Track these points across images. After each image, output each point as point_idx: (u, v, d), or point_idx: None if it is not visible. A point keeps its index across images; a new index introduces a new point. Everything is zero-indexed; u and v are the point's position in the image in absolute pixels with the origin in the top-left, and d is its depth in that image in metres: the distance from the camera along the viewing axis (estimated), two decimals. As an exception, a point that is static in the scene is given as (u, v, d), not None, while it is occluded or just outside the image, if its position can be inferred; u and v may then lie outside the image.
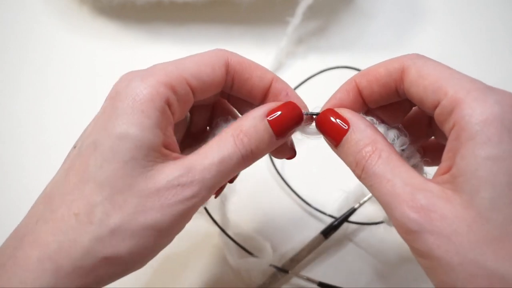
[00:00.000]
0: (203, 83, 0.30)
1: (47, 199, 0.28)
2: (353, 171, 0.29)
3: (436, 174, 0.27)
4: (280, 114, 0.30)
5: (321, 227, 0.47)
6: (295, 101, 0.32)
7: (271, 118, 0.30)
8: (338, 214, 0.47)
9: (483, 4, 0.64)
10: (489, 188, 0.24)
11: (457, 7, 0.64)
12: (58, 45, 0.61)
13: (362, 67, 0.55)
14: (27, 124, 0.56)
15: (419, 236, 0.25)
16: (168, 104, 0.29)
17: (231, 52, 0.32)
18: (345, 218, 0.46)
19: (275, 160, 0.52)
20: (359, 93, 0.32)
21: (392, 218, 0.27)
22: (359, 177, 0.29)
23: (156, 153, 0.28)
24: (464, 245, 0.24)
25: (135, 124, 0.27)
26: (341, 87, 0.33)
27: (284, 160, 0.50)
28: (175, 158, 0.29)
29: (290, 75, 0.57)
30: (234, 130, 0.30)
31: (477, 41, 0.61)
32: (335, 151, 0.31)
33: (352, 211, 0.46)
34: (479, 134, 0.25)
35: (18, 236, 0.28)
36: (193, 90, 0.30)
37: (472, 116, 0.25)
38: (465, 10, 0.64)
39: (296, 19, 0.57)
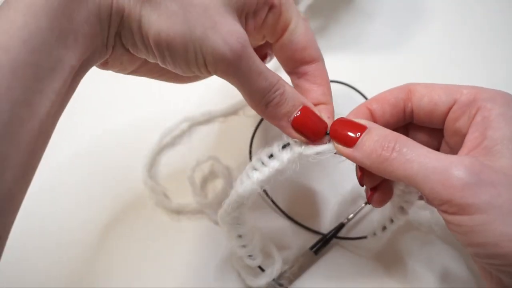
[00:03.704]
0: None
1: None
2: (377, 157, 0.29)
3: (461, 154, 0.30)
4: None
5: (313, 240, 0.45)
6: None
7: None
8: (335, 220, 0.46)
9: (483, 4, 0.64)
10: None
11: (457, 7, 0.64)
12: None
13: (360, 70, 0.55)
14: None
15: (476, 188, 0.26)
16: None
17: None
18: (333, 234, 0.45)
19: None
20: (371, 114, 0.34)
21: (439, 182, 0.27)
22: (386, 159, 0.29)
23: None
24: None
25: None
26: (352, 111, 0.34)
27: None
28: None
29: (290, 75, 0.57)
30: None
31: (477, 41, 0.61)
32: (347, 154, 0.31)
33: (340, 226, 0.45)
34: (508, 111, 0.29)
35: None
36: None
37: (497, 99, 0.30)
38: (465, 10, 0.64)
39: (296, 19, 0.57)
